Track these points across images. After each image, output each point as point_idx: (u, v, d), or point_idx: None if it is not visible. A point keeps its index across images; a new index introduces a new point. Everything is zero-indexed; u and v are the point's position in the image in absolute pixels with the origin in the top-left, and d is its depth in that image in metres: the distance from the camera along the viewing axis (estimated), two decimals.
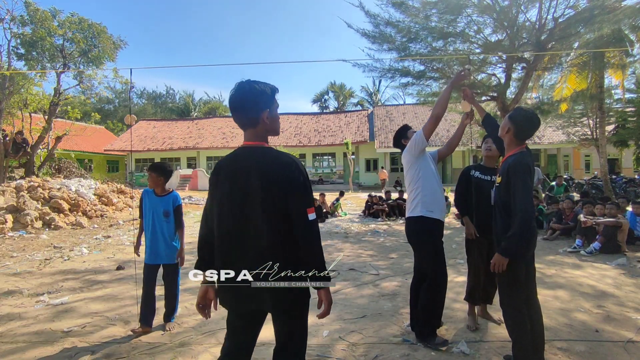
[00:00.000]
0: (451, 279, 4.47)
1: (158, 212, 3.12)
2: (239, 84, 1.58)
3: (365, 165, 26.16)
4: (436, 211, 2.83)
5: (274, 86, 1.62)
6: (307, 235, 1.53)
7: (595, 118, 12.57)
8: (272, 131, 1.64)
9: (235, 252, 1.57)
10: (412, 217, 2.88)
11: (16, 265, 5.47)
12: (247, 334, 1.67)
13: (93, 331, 3.13)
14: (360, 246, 6.67)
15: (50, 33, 12.97)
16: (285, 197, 1.51)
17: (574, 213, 7.03)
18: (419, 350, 2.69)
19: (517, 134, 2.36)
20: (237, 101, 1.57)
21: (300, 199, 1.53)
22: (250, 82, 1.58)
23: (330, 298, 1.57)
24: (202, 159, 27.53)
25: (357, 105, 42.06)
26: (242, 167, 1.57)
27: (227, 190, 1.58)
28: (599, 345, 2.75)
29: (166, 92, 49.16)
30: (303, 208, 1.52)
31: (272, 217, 1.52)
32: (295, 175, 1.52)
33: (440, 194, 2.91)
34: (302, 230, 1.52)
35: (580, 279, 4.50)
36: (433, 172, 2.91)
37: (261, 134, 1.62)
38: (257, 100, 1.56)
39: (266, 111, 1.58)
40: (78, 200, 9.72)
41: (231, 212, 1.57)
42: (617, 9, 7.52)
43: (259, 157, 1.57)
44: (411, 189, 2.93)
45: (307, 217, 1.52)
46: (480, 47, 9.27)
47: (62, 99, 13.77)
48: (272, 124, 1.62)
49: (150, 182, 3.15)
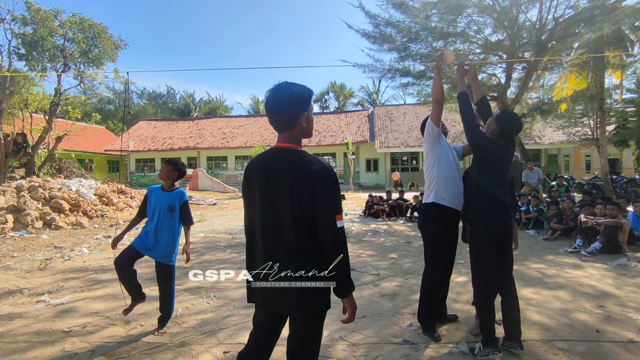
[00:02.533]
0: (451, 279, 4.46)
1: (163, 208, 3.07)
2: (277, 85, 1.58)
3: (365, 165, 26.14)
4: (449, 199, 2.84)
5: (310, 89, 1.63)
6: (334, 242, 1.52)
7: (596, 118, 12.56)
8: (307, 133, 1.65)
9: (263, 253, 1.59)
10: (425, 203, 2.96)
11: (17, 265, 5.47)
12: (269, 335, 1.71)
13: (93, 331, 3.13)
14: (360, 246, 6.67)
15: (52, 33, 12.98)
16: (314, 202, 1.50)
17: (574, 213, 7.03)
18: (419, 351, 2.69)
19: (500, 134, 2.58)
20: (276, 103, 1.57)
21: (328, 205, 1.51)
22: (288, 84, 1.58)
23: (354, 305, 1.59)
24: (203, 159, 27.54)
25: (358, 105, 42.07)
26: (275, 169, 1.58)
27: (257, 190, 1.60)
28: (599, 346, 2.74)
29: (167, 92, 49.21)
30: (331, 214, 1.51)
31: (300, 221, 1.52)
32: (325, 181, 1.51)
33: (456, 183, 2.90)
34: (329, 236, 1.51)
35: (580, 279, 4.50)
36: (450, 161, 2.92)
37: (297, 136, 1.62)
38: (296, 102, 1.56)
39: (304, 114, 1.59)
40: (78, 200, 9.73)
41: (261, 212, 1.59)
42: (617, 9, 7.52)
43: (293, 160, 1.56)
44: (427, 176, 2.98)
45: (335, 223, 1.50)
46: (481, 47, 9.27)
47: (62, 99, 13.80)
48: (308, 127, 1.64)
49: (163, 174, 3.14)
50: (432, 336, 2.84)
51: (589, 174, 20.83)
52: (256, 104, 44.24)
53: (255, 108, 43.93)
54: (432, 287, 2.92)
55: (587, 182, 13.76)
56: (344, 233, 1.56)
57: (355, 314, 1.59)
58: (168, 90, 49.51)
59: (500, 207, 2.55)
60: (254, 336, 1.73)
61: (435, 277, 2.92)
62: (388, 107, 29.23)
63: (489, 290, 2.62)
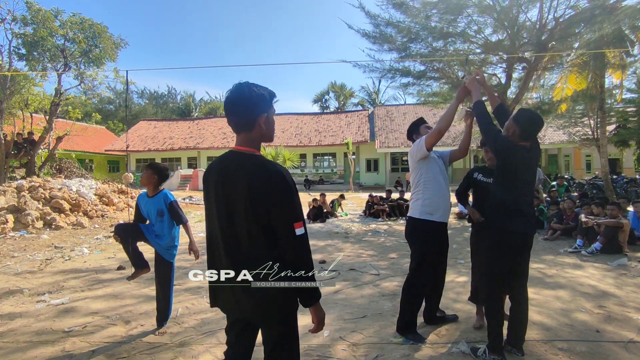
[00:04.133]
0: (452, 279, 4.49)
1: (152, 214, 3.09)
2: (237, 85, 1.52)
3: (365, 165, 26.14)
4: (437, 213, 2.87)
5: (272, 91, 1.57)
6: (295, 252, 1.44)
7: (596, 118, 12.56)
8: (266, 137, 1.57)
9: (220, 257, 1.54)
10: (412, 217, 2.96)
11: (17, 265, 5.48)
12: (240, 344, 1.65)
13: (94, 331, 3.13)
14: (360, 246, 6.67)
15: (52, 33, 12.99)
16: (269, 211, 1.43)
17: (574, 213, 7.02)
18: (419, 351, 2.69)
19: (521, 134, 2.43)
20: (234, 103, 1.51)
21: (284, 213, 1.43)
22: (249, 84, 1.52)
23: (322, 314, 1.50)
24: (203, 159, 27.54)
25: (358, 105, 42.05)
26: (229, 174, 1.51)
27: (213, 194, 1.55)
28: (599, 346, 2.74)
29: (167, 92, 49.23)
30: (288, 223, 1.43)
31: (255, 230, 1.45)
32: (279, 187, 1.43)
33: (445, 195, 2.93)
34: (289, 246, 1.44)
35: (581, 279, 4.50)
36: (438, 174, 2.92)
37: (255, 139, 1.55)
38: (255, 103, 1.50)
39: (263, 115, 1.52)
40: (79, 201, 9.74)
41: (217, 216, 1.54)
42: (618, 9, 7.52)
43: (247, 165, 1.49)
44: (415, 189, 2.98)
45: (293, 232, 1.42)
46: (481, 47, 9.27)
47: (63, 99, 13.79)
48: (268, 129, 1.56)
49: (144, 179, 3.10)
50: (416, 338, 2.83)
51: (589, 174, 20.83)
52: None
53: None
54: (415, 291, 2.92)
55: (587, 182, 13.75)
56: (305, 241, 1.46)
57: (323, 324, 1.50)
58: (169, 90, 49.55)
59: (522, 218, 2.43)
60: (228, 345, 1.68)
61: (422, 283, 2.92)
62: (388, 107, 29.24)
63: (499, 298, 2.56)
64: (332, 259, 5.54)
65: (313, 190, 19.94)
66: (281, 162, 19.86)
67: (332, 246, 6.68)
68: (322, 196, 10.92)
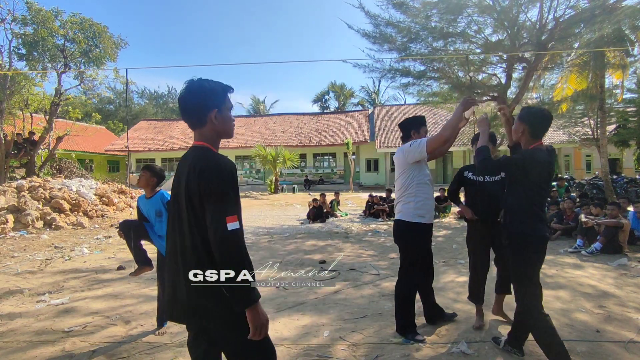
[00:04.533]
0: (452, 279, 4.50)
1: (152, 215, 3.10)
2: (188, 82, 1.50)
3: (365, 165, 26.14)
4: (427, 216, 2.90)
5: (227, 85, 1.55)
6: (223, 247, 1.33)
7: (596, 118, 12.55)
8: (222, 133, 1.54)
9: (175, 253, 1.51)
10: (403, 220, 2.90)
11: (17, 265, 5.48)
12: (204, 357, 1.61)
13: (94, 331, 3.13)
14: (360, 246, 6.67)
15: (52, 33, 13.00)
16: (201, 200, 1.38)
17: (574, 213, 7.03)
18: (419, 351, 2.69)
19: (532, 133, 2.36)
20: (185, 99, 1.48)
21: (215, 207, 1.35)
22: (201, 80, 1.50)
23: (258, 319, 1.35)
24: None
25: (358, 105, 42.03)
26: (180, 169, 1.52)
27: (173, 191, 1.56)
28: (599, 346, 2.74)
29: (167, 92, 49.23)
30: (218, 214, 1.34)
31: (193, 219, 1.41)
32: (213, 176, 1.37)
33: (432, 197, 3.00)
34: (216, 240, 1.33)
35: (581, 279, 4.49)
36: (428, 177, 2.94)
37: (209, 135, 1.51)
38: (205, 99, 1.47)
39: (214, 111, 1.48)
40: (79, 201, 9.74)
41: (171, 213, 1.55)
42: (618, 9, 7.51)
43: (191, 156, 1.49)
44: (404, 192, 2.91)
45: (224, 225, 1.32)
46: (481, 47, 9.26)
47: (63, 99, 13.80)
48: (222, 125, 1.52)
49: (142, 182, 3.10)
50: (416, 338, 2.84)
51: (589, 174, 20.83)
52: (256, 104, 44.25)
53: (256, 108, 43.94)
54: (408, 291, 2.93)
55: (587, 182, 13.75)
56: (237, 237, 1.35)
57: (259, 331, 1.35)
58: (169, 90, 49.52)
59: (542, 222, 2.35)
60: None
61: (415, 284, 2.96)
62: (388, 107, 29.23)
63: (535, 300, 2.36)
64: (332, 259, 5.54)
65: (313, 190, 19.94)
66: (281, 162, 19.88)
67: (332, 246, 6.68)
68: (322, 196, 10.93)
